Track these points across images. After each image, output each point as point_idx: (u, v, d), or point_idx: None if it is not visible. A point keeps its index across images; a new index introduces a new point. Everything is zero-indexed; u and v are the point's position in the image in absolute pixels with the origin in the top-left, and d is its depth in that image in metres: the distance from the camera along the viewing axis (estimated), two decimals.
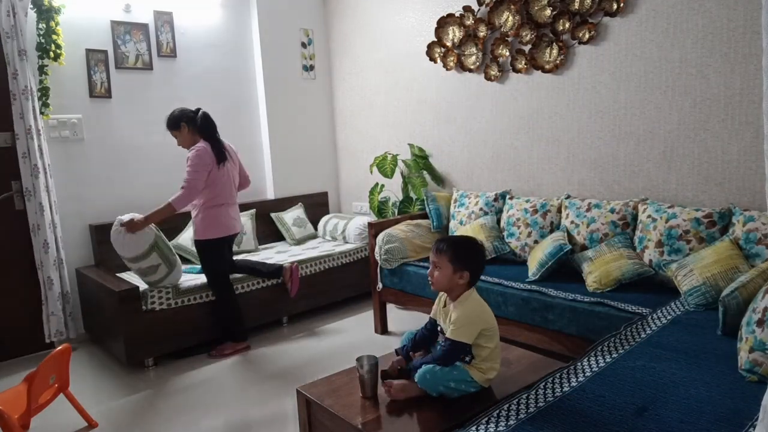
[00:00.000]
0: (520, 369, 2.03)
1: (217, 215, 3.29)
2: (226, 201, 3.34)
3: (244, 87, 4.59)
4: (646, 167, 3.03)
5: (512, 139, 3.67)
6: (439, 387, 1.80)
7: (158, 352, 3.27)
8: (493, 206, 3.47)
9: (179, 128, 3.28)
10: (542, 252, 2.90)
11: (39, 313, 3.48)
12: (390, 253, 3.42)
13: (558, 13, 3.24)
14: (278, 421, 2.59)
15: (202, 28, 4.29)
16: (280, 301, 3.78)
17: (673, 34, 2.85)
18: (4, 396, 2.32)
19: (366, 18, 4.56)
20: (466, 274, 1.85)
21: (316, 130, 4.99)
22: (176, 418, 2.68)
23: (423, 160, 4.15)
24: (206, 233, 3.28)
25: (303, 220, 4.62)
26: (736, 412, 1.43)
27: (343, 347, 3.42)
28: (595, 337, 2.30)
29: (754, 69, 2.59)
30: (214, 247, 3.33)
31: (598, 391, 1.60)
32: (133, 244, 3.11)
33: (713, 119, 2.76)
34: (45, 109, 3.49)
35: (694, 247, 2.53)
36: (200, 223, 3.28)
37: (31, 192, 3.38)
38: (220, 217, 3.30)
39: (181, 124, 3.27)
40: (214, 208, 3.29)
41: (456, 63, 3.88)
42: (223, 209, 3.32)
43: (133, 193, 3.95)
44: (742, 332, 1.73)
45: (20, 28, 3.28)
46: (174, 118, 3.28)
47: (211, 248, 3.33)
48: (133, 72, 3.95)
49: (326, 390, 1.94)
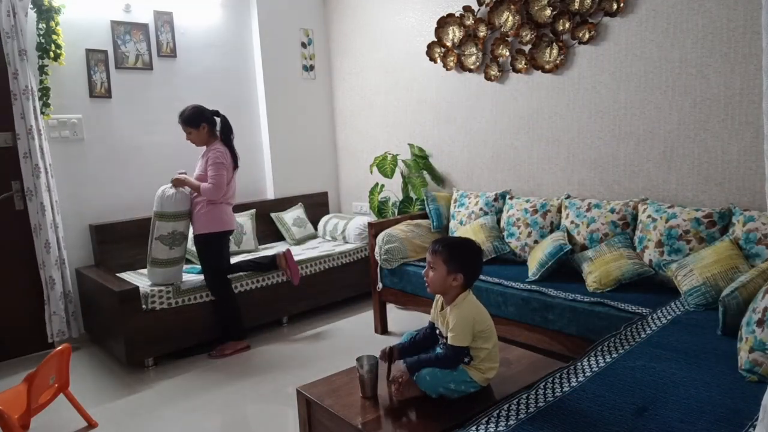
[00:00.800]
0: (520, 369, 2.02)
1: (220, 211, 3.37)
2: (228, 201, 3.44)
3: (244, 87, 4.59)
4: (646, 167, 3.03)
5: (512, 139, 3.67)
6: (438, 388, 1.80)
7: (158, 352, 3.27)
8: (493, 206, 3.47)
9: (198, 127, 3.31)
10: (542, 252, 2.90)
11: (40, 312, 3.48)
12: (390, 253, 3.42)
13: (558, 13, 3.24)
14: (278, 421, 2.59)
15: (202, 28, 4.29)
16: (280, 301, 3.78)
17: (673, 34, 2.85)
18: (4, 396, 2.32)
19: (366, 18, 4.56)
20: (460, 276, 1.83)
21: (316, 130, 4.99)
22: (176, 418, 2.68)
23: (423, 160, 4.15)
24: (208, 227, 3.33)
25: (303, 220, 4.62)
26: (736, 412, 1.43)
27: (343, 347, 3.42)
28: (595, 337, 2.29)
29: (754, 69, 2.59)
30: (215, 242, 3.38)
31: (598, 391, 1.60)
32: (179, 200, 3.28)
33: (713, 119, 2.76)
34: (45, 109, 3.49)
35: (694, 247, 2.53)
36: (203, 217, 3.33)
37: (32, 192, 3.38)
38: (221, 213, 3.38)
39: (202, 124, 3.31)
40: (219, 204, 3.36)
41: (456, 63, 3.88)
42: (225, 206, 3.42)
43: (133, 193, 3.96)
44: (742, 332, 1.73)
45: (20, 28, 3.28)
46: (194, 115, 3.30)
47: (212, 243, 3.37)
48: (133, 72, 3.95)
49: (326, 390, 1.94)
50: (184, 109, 3.34)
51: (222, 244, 3.43)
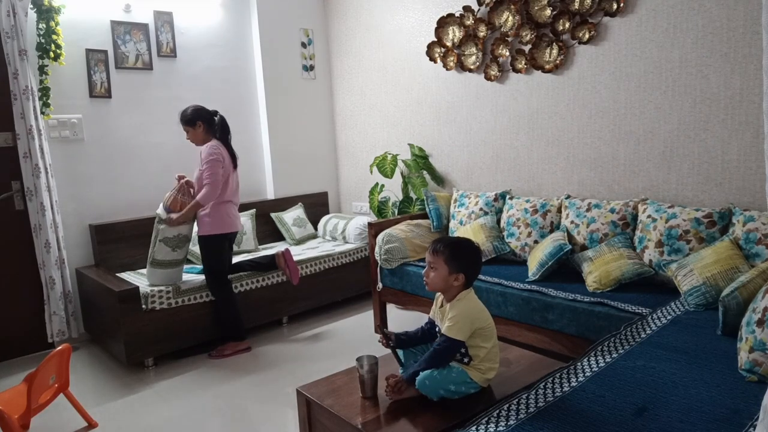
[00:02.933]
0: (520, 369, 2.02)
1: (224, 212, 3.37)
2: (232, 200, 3.43)
3: (244, 87, 4.58)
4: (646, 167, 3.03)
5: (512, 139, 3.67)
6: (439, 391, 1.79)
7: (158, 352, 3.27)
8: (493, 206, 3.47)
9: (195, 126, 3.33)
10: (542, 252, 2.90)
11: (40, 312, 3.48)
12: (390, 253, 3.42)
13: (558, 13, 3.24)
14: (278, 421, 2.59)
15: (202, 28, 4.29)
16: (280, 301, 3.78)
17: (673, 34, 2.85)
18: (4, 396, 2.32)
19: (366, 18, 4.56)
20: (461, 276, 1.84)
21: (316, 130, 4.99)
22: (176, 418, 2.68)
23: (423, 160, 4.15)
24: (213, 229, 3.33)
25: (303, 220, 4.62)
26: (736, 412, 1.43)
27: (343, 347, 3.42)
28: (595, 337, 2.30)
29: (754, 69, 2.59)
30: (219, 244, 3.38)
31: (598, 391, 1.60)
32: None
33: (713, 119, 2.76)
34: (45, 109, 3.49)
35: (694, 247, 2.53)
36: (207, 218, 3.33)
37: (32, 192, 3.38)
38: (226, 214, 3.38)
39: (198, 122, 3.32)
40: (222, 204, 3.35)
41: (456, 63, 3.88)
42: (230, 207, 3.41)
43: (133, 193, 3.96)
44: (742, 332, 1.73)
45: (20, 28, 3.28)
46: (191, 115, 3.33)
47: (215, 244, 3.37)
48: (133, 72, 3.95)
49: (326, 390, 1.94)
50: (185, 109, 3.36)
51: (225, 246, 3.43)
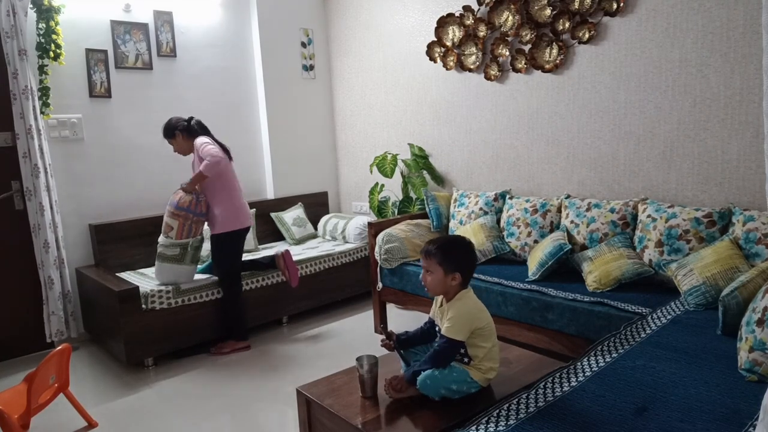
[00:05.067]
0: (520, 369, 2.02)
1: (237, 207, 3.41)
2: (239, 193, 3.46)
3: (244, 87, 4.58)
4: (646, 167, 3.03)
5: (512, 139, 3.67)
6: (440, 390, 1.79)
7: (158, 352, 3.27)
8: (493, 206, 3.47)
9: (174, 136, 3.41)
10: (542, 252, 2.90)
11: (39, 312, 3.48)
12: (390, 252, 3.42)
13: (558, 12, 3.24)
14: (278, 421, 2.59)
15: (202, 28, 4.29)
16: (280, 301, 3.78)
17: (673, 34, 2.85)
18: (4, 396, 2.32)
19: (366, 18, 4.56)
20: (457, 275, 1.85)
21: (316, 130, 4.98)
22: (176, 418, 2.68)
23: (423, 160, 4.15)
24: (226, 226, 3.35)
25: (303, 220, 4.62)
26: (736, 412, 1.43)
27: (343, 347, 3.42)
28: (595, 336, 2.30)
29: (754, 69, 2.59)
30: (233, 240, 3.41)
31: (598, 390, 1.60)
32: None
33: (713, 119, 2.76)
34: (45, 108, 3.49)
35: (694, 247, 2.53)
36: (220, 215, 3.34)
37: (31, 192, 3.38)
38: (238, 209, 3.41)
39: (176, 132, 3.39)
40: (231, 200, 3.38)
41: (456, 63, 3.88)
42: (240, 201, 3.45)
43: (133, 193, 3.96)
44: (742, 332, 1.73)
45: (20, 28, 3.28)
46: (168, 127, 3.42)
47: (230, 241, 3.39)
48: (133, 72, 3.95)
49: (326, 390, 1.94)
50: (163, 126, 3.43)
51: (239, 243, 3.46)
